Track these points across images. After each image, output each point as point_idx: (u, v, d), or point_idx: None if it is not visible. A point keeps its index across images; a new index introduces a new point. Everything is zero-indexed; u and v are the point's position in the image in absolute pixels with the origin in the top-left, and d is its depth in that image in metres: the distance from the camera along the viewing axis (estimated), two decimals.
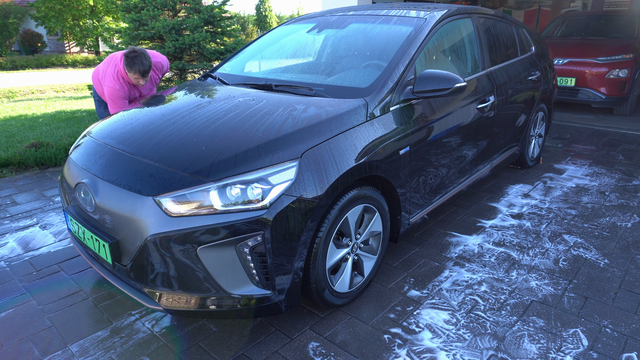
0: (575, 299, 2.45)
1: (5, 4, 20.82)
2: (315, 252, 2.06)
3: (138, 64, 3.27)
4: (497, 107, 3.37)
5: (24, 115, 7.16)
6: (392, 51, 2.68)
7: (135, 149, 2.16)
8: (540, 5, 13.23)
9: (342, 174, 2.06)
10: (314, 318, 2.31)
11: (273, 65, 3.39)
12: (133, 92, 3.57)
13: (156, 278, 1.91)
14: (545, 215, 3.49)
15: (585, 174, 4.39)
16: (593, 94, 6.66)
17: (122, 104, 3.47)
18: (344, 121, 2.22)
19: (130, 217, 1.91)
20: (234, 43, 6.70)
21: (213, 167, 1.92)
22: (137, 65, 3.27)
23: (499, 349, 2.08)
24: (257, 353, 2.07)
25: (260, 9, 40.26)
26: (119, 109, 3.41)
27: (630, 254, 2.90)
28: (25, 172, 4.50)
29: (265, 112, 2.28)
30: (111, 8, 19.26)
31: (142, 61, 3.27)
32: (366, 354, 2.06)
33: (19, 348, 2.10)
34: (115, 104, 3.47)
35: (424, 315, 2.32)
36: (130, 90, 3.52)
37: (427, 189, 2.77)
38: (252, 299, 1.94)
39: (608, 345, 2.11)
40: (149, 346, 2.11)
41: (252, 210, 1.85)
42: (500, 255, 2.91)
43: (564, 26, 8.01)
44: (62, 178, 2.42)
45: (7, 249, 3.00)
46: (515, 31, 4.04)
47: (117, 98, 3.45)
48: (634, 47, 6.65)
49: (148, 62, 3.30)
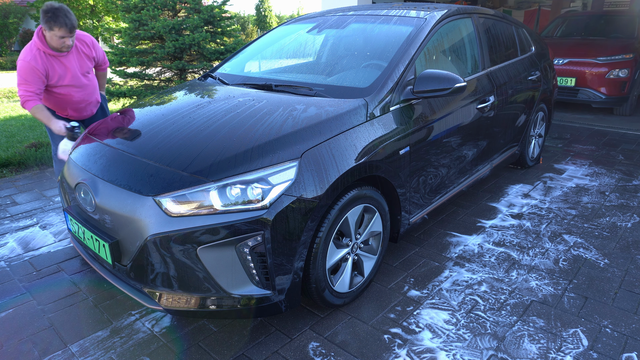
0: (575, 299, 2.45)
1: (5, 4, 20.82)
2: (315, 252, 2.06)
3: (62, 17, 2.75)
4: (497, 107, 3.37)
5: (24, 115, 7.16)
6: (392, 51, 2.69)
7: (135, 149, 2.16)
8: (540, 5, 13.23)
9: (342, 174, 2.06)
10: (314, 318, 2.31)
11: (273, 65, 3.38)
12: (54, 69, 2.92)
13: (156, 278, 1.91)
14: (545, 215, 3.49)
15: (585, 174, 4.39)
16: (593, 94, 6.65)
17: (35, 85, 2.84)
18: (344, 121, 2.22)
19: (130, 217, 1.91)
20: (234, 43, 6.70)
21: (213, 167, 1.92)
22: (61, 18, 2.75)
23: (499, 349, 2.08)
24: (257, 353, 2.07)
25: (260, 9, 40.28)
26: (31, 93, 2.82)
27: (630, 254, 2.90)
28: (25, 172, 4.50)
29: (265, 112, 2.28)
30: (111, 8, 19.23)
31: (66, 14, 2.77)
32: (366, 354, 2.06)
33: (19, 348, 2.10)
34: (27, 84, 2.81)
35: (424, 315, 2.32)
36: (48, 66, 2.88)
37: (427, 189, 2.77)
38: (252, 299, 1.94)
39: (608, 345, 2.11)
40: (149, 346, 2.11)
41: (252, 210, 1.85)
42: (500, 255, 2.91)
43: (564, 26, 8.01)
44: (62, 178, 2.42)
45: (7, 249, 3.00)
46: (515, 31, 4.04)
47: (29, 74, 2.81)
48: (634, 47, 6.65)
49: (73, 16, 2.81)
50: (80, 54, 3.10)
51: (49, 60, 2.90)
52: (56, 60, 2.94)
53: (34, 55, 2.84)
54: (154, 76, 6.54)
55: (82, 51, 3.11)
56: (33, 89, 2.84)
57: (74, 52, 3.05)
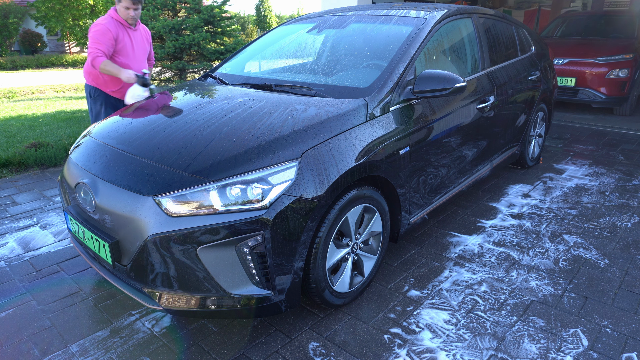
0: (575, 299, 2.45)
1: (5, 4, 20.81)
2: (315, 252, 2.06)
3: None
4: (497, 107, 3.37)
5: (24, 115, 7.16)
6: (392, 51, 2.68)
7: (135, 149, 2.16)
8: (540, 5, 13.23)
9: (342, 174, 2.06)
10: (314, 318, 2.31)
11: (273, 65, 3.38)
12: (123, 37, 3.47)
13: (156, 278, 1.91)
14: (545, 215, 3.49)
15: (585, 174, 4.39)
16: (593, 94, 6.65)
17: (106, 46, 3.35)
18: (344, 121, 2.22)
19: (130, 217, 1.91)
20: (234, 43, 6.71)
21: (213, 167, 1.92)
22: None
23: (499, 349, 2.08)
24: (257, 353, 2.07)
25: (260, 9, 40.28)
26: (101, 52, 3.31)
27: (630, 254, 2.90)
28: (25, 172, 4.50)
29: (265, 112, 2.28)
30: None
31: None
32: (366, 354, 2.06)
33: (19, 348, 2.10)
34: (99, 43, 3.33)
35: (424, 315, 2.32)
36: (119, 32, 3.44)
37: (427, 189, 2.77)
38: (252, 299, 1.94)
39: (608, 345, 2.11)
40: (149, 346, 2.11)
41: (252, 210, 1.85)
42: (500, 255, 2.91)
43: (564, 26, 8.01)
44: (62, 178, 2.42)
45: (7, 249, 3.00)
46: (515, 31, 4.04)
47: (102, 35, 3.33)
48: (634, 47, 6.65)
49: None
50: (143, 37, 3.71)
51: (121, 29, 3.46)
52: (126, 31, 3.51)
53: (109, 21, 3.39)
54: (154, 76, 6.54)
55: (144, 36, 3.75)
56: (103, 48, 3.34)
57: (141, 32, 3.69)
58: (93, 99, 3.74)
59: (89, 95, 3.76)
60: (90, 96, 3.74)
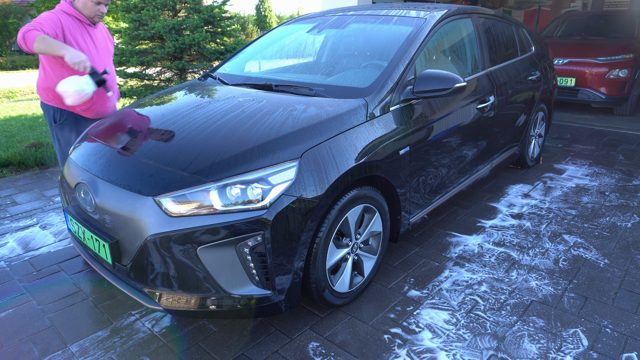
0: (575, 299, 2.45)
1: (5, 4, 20.81)
2: (315, 252, 2.06)
3: None
4: (497, 107, 3.37)
5: (24, 115, 7.16)
6: (392, 51, 2.68)
7: (135, 148, 2.16)
8: (540, 5, 13.23)
9: (342, 174, 2.06)
10: (314, 318, 2.31)
11: (273, 65, 3.38)
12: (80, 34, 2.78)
13: (156, 278, 1.91)
14: (545, 215, 3.48)
15: (585, 174, 4.38)
16: (593, 94, 6.65)
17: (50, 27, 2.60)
18: (344, 121, 2.22)
19: (130, 217, 1.91)
20: (234, 43, 6.70)
21: (213, 167, 1.92)
22: None
23: (499, 349, 2.08)
24: (257, 353, 2.07)
25: (260, 9, 40.28)
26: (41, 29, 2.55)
27: (630, 254, 2.90)
28: (25, 172, 4.50)
29: (265, 112, 2.28)
30: (111, 8, 19.23)
31: None
32: (366, 354, 2.06)
33: (19, 348, 2.10)
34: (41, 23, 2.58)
35: (424, 315, 2.32)
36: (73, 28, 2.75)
37: (427, 189, 2.77)
38: (252, 299, 1.94)
39: (608, 345, 2.11)
40: (149, 346, 2.11)
41: (252, 210, 1.85)
42: (500, 255, 2.91)
43: (564, 26, 8.01)
44: (62, 178, 2.42)
45: (7, 249, 3.00)
46: (515, 31, 4.04)
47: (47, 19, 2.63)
48: (634, 47, 6.65)
49: None
50: (104, 37, 3.04)
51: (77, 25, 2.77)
52: (84, 28, 2.82)
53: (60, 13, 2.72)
54: (154, 76, 6.54)
55: (106, 36, 3.06)
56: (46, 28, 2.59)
57: (101, 30, 3.01)
58: (59, 125, 2.90)
59: (52, 121, 2.90)
60: (54, 121, 2.89)
